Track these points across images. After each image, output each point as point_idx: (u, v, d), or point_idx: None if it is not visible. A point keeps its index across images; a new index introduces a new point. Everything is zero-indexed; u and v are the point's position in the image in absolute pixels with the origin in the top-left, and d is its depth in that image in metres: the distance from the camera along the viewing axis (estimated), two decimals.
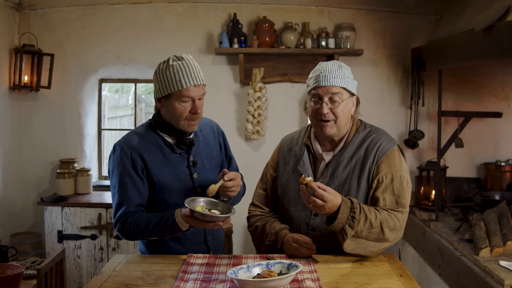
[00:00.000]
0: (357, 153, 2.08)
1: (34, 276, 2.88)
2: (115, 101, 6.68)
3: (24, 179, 4.48)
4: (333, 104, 2.04)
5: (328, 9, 4.45)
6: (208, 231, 2.20)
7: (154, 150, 2.11)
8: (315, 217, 2.09)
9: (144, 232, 2.02)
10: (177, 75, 2.00)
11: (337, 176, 2.08)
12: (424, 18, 4.40)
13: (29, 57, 4.29)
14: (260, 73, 4.31)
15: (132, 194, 2.07)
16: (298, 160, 2.18)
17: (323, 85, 2.03)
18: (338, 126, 2.07)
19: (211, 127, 2.31)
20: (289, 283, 1.73)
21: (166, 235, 2.03)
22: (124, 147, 2.09)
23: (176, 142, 2.14)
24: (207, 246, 2.20)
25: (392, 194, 2.02)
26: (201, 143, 2.21)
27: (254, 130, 4.35)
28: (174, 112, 2.05)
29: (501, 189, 4.16)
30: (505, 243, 2.98)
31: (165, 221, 1.97)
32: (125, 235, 2.07)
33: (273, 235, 2.13)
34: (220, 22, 4.43)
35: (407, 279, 1.80)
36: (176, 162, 2.13)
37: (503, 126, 4.37)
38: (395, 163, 2.06)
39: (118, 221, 2.07)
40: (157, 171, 2.10)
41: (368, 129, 2.15)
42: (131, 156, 2.08)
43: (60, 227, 4.08)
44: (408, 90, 4.45)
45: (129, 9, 4.43)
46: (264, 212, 2.28)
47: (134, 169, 2.08)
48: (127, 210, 2.06)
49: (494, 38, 2.93)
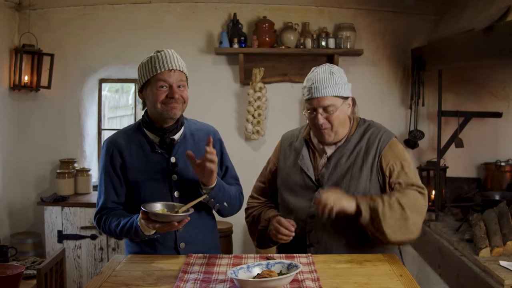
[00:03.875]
0: (359, 144, 2.17)
1: (34, 276, 2.88)
2: (115, 101, 6.67)
3: (24, 179, 4.48)
4: (327, 113, 2.11)
5: (328, 9, 4.45)
6: (181, 237, 2.12)
7: (136, 149, 2.12)
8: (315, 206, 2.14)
9: (115, 231, 2.05)
10: (153, 62, 2.05)
11: (340, 167, 2.15)
12: (424, 18, 4.40)
13: (29, 57, 4.29)
14: (260, 73, 4.31)
15: (108, 191, 2.12)
16: (298, 155, 2.24)
17: (316, 97, 2.10)
18: (335, 132, 2.15)
19: (207, 132, 2.22)
20: (289, 283, 1.73)
21: (133, 238, 2.05)
22: (109, 144, 2.14)
23: (159, 141, 2.13)
24: (178, 252, 2.12)
25: (406, 178, 2.11)
26: (189, 146, 2.15)
27: (254, 130, 4.35)
28: (151, 99, 2.06)
29: (501, 189, 4.16)
30: (505, 243, 2.98)
31: (131, 224, 1.97)
32: (102, 230, 2.14)
33: (266, 220, 2.22)
34: (220, 22, 4.43)
35: (407, 279, 1.80)
36: (155, 162, 2.11)
37: (503, 126, 4.37)
38: (399, 152, 2.16)
39: (97, 215, 2.15)
40: (135, 170, 2.11)
41: (367, 122, 2.25)
42: (112, 153, 2.12)
43: (60, 227, 4.08)
44: (408, 90, 4.45)
45: (129, 9, 4.43)
46: (260, 202, 2.36)
47: (113, 166, 2.11)
48: (104, 205, 2.12)
49: (494, 38, 2.93)
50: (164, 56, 2.05)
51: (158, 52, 2.07)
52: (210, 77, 4.42)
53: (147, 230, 1.94)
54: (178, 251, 2.13)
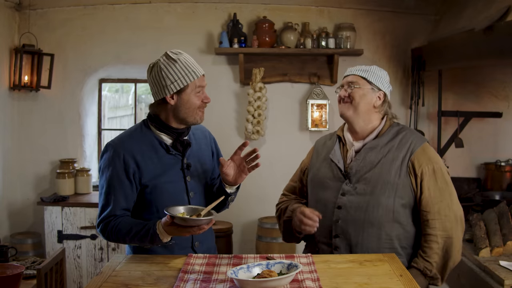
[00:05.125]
0: (390, 143, 2.20)
1: (34, 276, 2.88)
2: (115, 101, 6.67)
3: (24, 179, 4.48)
4: (351, 89, 2.22)
5: (328, 9, 4.45)
6: (195, 237, 2.13)
7: (148, 151, 2.07)
8: (342, 197, 2.17)
9: (125, 237, 2.00)
10: (188, 67, 2.04)
11: (369, 160, 2.18)
12: (424, 18, 4.41)
13: (29, 57, 4.29)
14: (260, 73, 4.31)
15: (118, 198, 2.03)
16: (329, 150, 2.32)
17: (345, 75, 2.30)
18: (354, 107, 2.21)
19: (203, 132, 2.29)
20: (289, 283, 1.73)
21: (146, 244, 2.01)
22: (118, 149, 2.05)
23: (173, 142, 2.11)
24: (194, 252, 2.14)
25: (435, 184, 2.15)
26: (195, 147, 2.18)
27: (254, 130, 4.35)
28: (191, 103, 2.07)
29: (501, 189, 4.16)
30: (505, 243, 2.98)
31: (146, 231, 1.93)
32: (106, 237, 2.05)
33: (291, 211, 2.29)
34: (220, 22, 4.43)
35: (407, 279, 1.80)
36: (169, 164, 2.09)
37: (503, 126, 4.37)
38: (432, 155, 2.20)
39: (101, 222, 2.04)
40: (150, 173, 2.06)
41: (401, 125, 2.30)
42: (123, 158, 2.03)
43: (60, 227, 4.08)
44: (408, 90, 4.45)
45: (129, 9, 4.43)
46: (289, 198, 2.45)
47: (126, 172, 2.03)
48: (111, 213, 2.03)
49: (494, 38, 2.93)
50: (193, 60, 2.07)
51: (180, 55, 2.05)
52: (210, 77, 4.36)
53: (165, 237, 1.92)
54: (195, 251, 2.14)
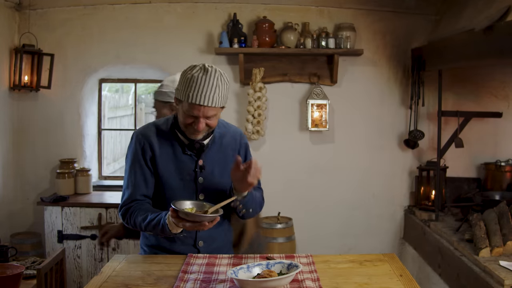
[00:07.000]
0: None
1: (34, 276, 2.88)
2: (115, 101, 6.67)
3: (24, 179, 4.48)
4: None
5: (328, 9, 4.45)
6: (201, 236, 2.15)
7: (166, 145, 2.13)
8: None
9: (140, 225, 2.04)
10: (191, 87, 1.96)
11: None
12: (424, 18, 4.40)
13: (29, 57, 4.29)
14: (260, 73, 4.31)
15: (139, 182, 2.11)
16: None
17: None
18: None
19: (233, 136, 2.25)
20: (289, 283, 1.73)
21: (158, 234, 2.05)
22: (139, 136, 2.14)
23: (188, 144, 2.13)
24: (197, 250, 2.16)
25: None
26: (216, 150, 2.18)
27: (254, 130, 4.35)
28: (180, 116, 2.07)
29: (501, 189, 4.16)
30: (505, 243, 2.98)
31: (158, 220, 1.97)
32: (126, 222, 2.12)
33: None
34: (220, 22, 4.43)
35: (407, 279, 1.81)
36: (184, 162, 2.13)
37: (503, 126, 4.37)
38: None
39: (123, 206, 2.13)
40: (164, 166, 2.11)
41: None
42: (143, 145, 2.12)
43: (60, 227, 4.08)
44: (408, 90, 4.44)
45: (129, 9, 4.42)
46: None
47: (144, 158, 2.11)
48: (132, 197, 2.10)
49: (494, 38, 2.93)
50: (204, 85, 1.95)
51: (203, 74, 1.96)
52: None
53: (174, 229, 1.93)
54: (198, 249, 2.15)
